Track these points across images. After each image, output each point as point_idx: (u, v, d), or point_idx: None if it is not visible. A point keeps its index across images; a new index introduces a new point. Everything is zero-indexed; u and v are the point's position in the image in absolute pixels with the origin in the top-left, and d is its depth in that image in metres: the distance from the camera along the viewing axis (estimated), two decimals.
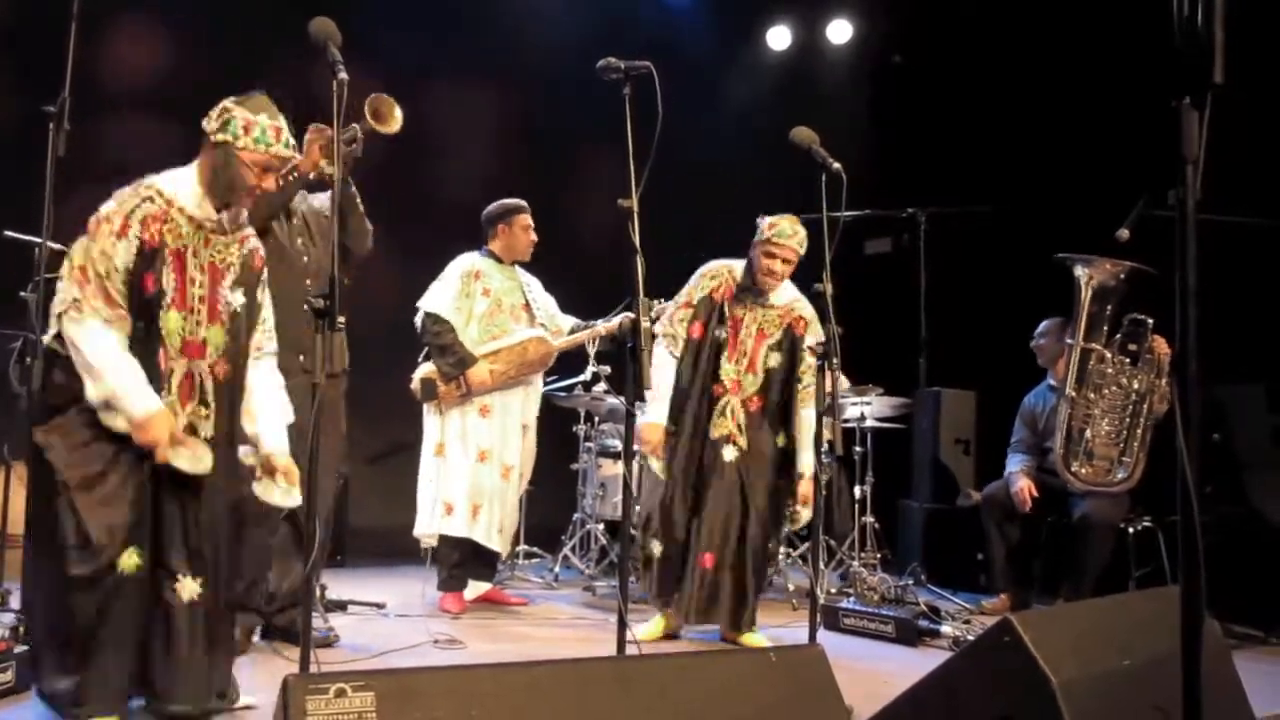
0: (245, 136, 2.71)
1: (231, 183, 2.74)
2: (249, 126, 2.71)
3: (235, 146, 2.71)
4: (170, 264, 2.72)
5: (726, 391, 4.13)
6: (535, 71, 6.78)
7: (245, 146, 2.71)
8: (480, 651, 3.88)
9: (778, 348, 4.15)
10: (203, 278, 2.78)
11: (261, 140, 2.72)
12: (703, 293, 4.17)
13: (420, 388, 4.67)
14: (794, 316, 4.17)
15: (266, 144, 2.72)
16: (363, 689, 1.73)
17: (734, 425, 4.12)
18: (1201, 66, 1.74)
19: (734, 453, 4.10)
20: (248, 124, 2.71)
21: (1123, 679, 2.18)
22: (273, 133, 2.73)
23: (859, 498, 5.59)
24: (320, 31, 2.61)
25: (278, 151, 2.75)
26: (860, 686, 3.15)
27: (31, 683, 3.03)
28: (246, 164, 2.72)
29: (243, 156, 2.71)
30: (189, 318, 2.76)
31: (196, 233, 2.78)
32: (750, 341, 4.14)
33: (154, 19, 5.71)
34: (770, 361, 4.14)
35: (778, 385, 4.16)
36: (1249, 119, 3.87)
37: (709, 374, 4.13)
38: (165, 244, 2.71)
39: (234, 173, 2.73)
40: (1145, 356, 4.63)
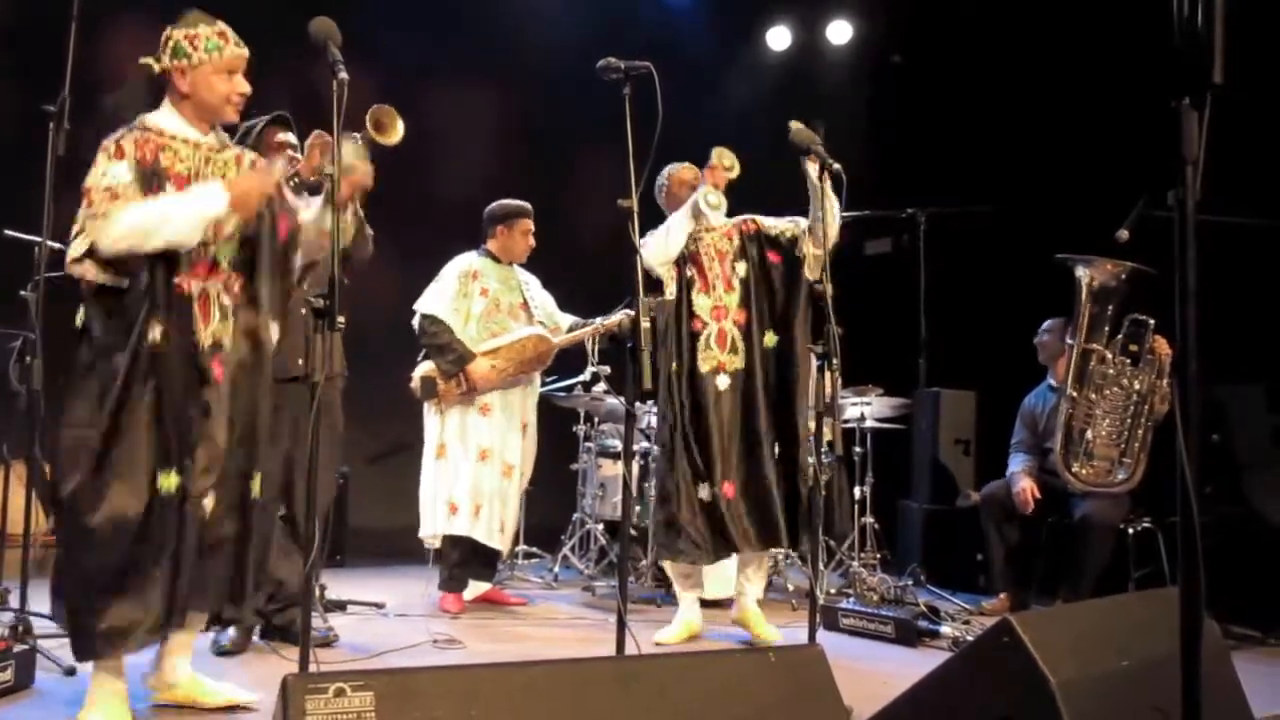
0: (195, 51, 2.75)
1: (205, 99, 2.77)
2: (193, 40, 2.75)
3: (190, 64, 2.74)
4: (174, 185, 2.73)
5: (707, 324, 4.11)
6: (535, 71, 6.79)
7: (199, 62, 2.74)
8: (479, 651, 3.88)
9: (740, 256, 4.15)
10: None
11: (210, 47, 2.75)
12: None
13: (420, 386, 4.67)
14: (741, 222, 4.19)
15: (218, 49, 2.76)
16: (362, 689, 1.73)
17: (721, 353, 4.09)
18: (1201, 67, 1.74)
19: (727, 380, 4.07)
20: (191, 38, 2.76)
21: (1122, 680, 2.18)
22: (218, 37, 2.77)
23: (859, 498, 5.59)
24: (320, 31, 2.61)
25: (231, 52, 2.78)
26: (860, 687, 3.15)
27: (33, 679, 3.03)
28: (210, 78, 2.75)
29: (202, 72, 2.75)
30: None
31: (195, 153, 2.80)
32: (716, 265, 4.14)
33: (154, 18, 5.69)
34: (740, 272, 4.13)
35: (757, 289, 4.13)
36: (1247, 119, 3.87)
37: (687, 314, 4.12)
38: (162, 165, 2.73)
39: (204, 89, 2.76)
40: (1146, 357, 4.63)
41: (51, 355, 3.50)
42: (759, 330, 4.11)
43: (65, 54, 3.50)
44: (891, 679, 3.38)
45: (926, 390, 6.16)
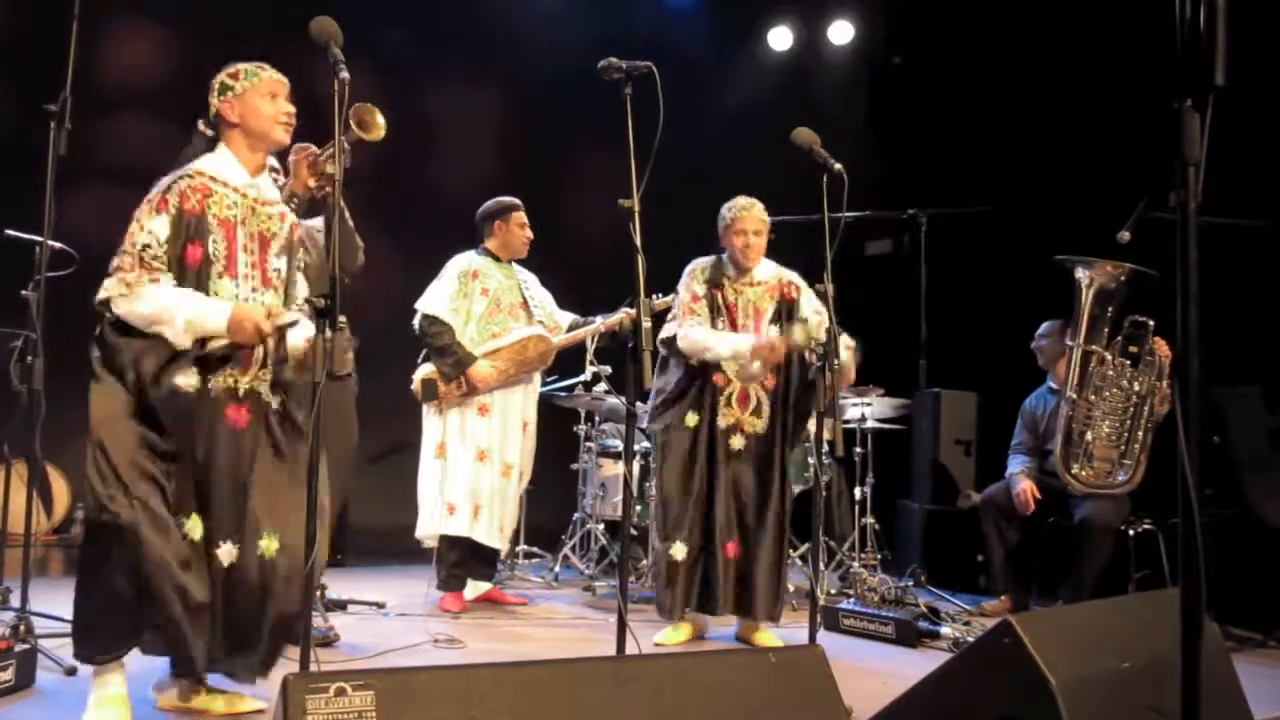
0: (237, 82, 2.86)
1: (255, 124, 2.86)
2: (235, 74, 2.88)
3: (235, 95, 2.85)
4: (219, 233, 2.80)
5: (732, 380, 4.10)
6: (535, 71, 6.79)
7: (243, 90, 2.86)
8: (480, 651, 3.88)
9: (775, 320, 4.15)
10: (253, 245, 2.87)
11: (250, 76, 2.88)
12: (703, 288, 4.17)
13: (421, 388, 4.67)
14: (783, 284, 4.19)
15: (256, 76, 2.88)
16: (362, 688, 1.73)
17: (741, 414, 4.09)
18: (1203, 68, 1.74)
19: (742, 441, 4.07)
20: (233, 73, 2.88)
21: (1122, 681, 2.18)
22: (256, 68, 2.90)
23: (859, 499, 5.60)
24: (322, 31, 2.61)
25: (270, 76, 2.90)
26: (860, 687, 3.15)
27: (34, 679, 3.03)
28: (255, 101, 2.86)
29: (247, 99, 2.85)
30: (242, 284, 2.83)
31: (243, 202, 2.87)
32: (751, 323, 4.13)
33: (154, 18, 5.72)
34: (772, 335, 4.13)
35: (789, 357, 4.11)
36: (1246, 120, 3.87)
37: (713, 364, 4.10)
38: (209, 213, 2.79)
39: (252, 115, 2.86)
40: (1146, 358, 4.63)
41: (52, 355, 3.51)
42: (784, 407, 4.12)
43: (66, 54, 3.50)
44: (892, 680, 3.38)
45: (927, 391, 6.16)
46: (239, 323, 2.69)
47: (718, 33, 7.63)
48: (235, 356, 2.78)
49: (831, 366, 3.27)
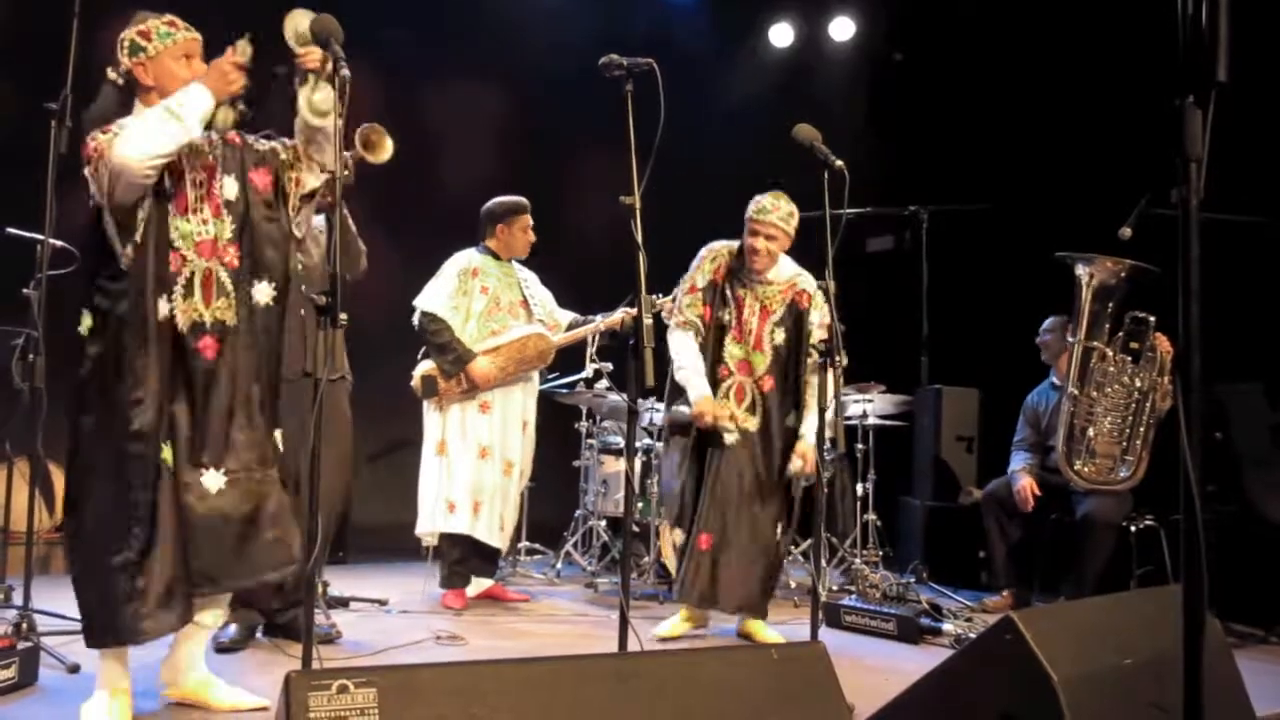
0: (150, 43, 2.79)
1: (170, 89, 2.77)
2: (146, 34, 2.80)
3: (148, 56, 2.79)
4: (168, 176, 2.75)
5: (732, 374, 4.10)
6: (536, 69, 6.78)
7: (156, 52, 2.79)
8: (482, 648, 3.89)
9: (781, 324, 4.11)
10: (200, 175, 2.81)
11: (163, 36, 2.80)
12: (705, 278, 4.15)
13: (421, 385, 4.67)
14: (796, 291, 4.13)
15: (170, 37, 2.81)
16: (365, 685, 1.74)
17: (739, 408, 4.08)
18: (1205, 65, 1.74)
19: (734, 436, 4.06)
20: (144, 32, 2.80)
21: (1124, 677, 2.18)
22: (168, 26, 2.82)
23: (861, 495, 5.60)
24: (322, 29, 2.61)
25: (184, 35, 2.83)
26: (862, 684, 3.15)
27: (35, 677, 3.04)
28: (170, 65, 2.79)
29: (161, 62, 2.79)
30: (194, 216, 2.79)
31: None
32: (755, 320, 4.11)
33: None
34: (776, 339, 4.10)
35: (788, 363, 4.11)
36: (1248, 116, 3.86)
37: (715, 357, 4.10)
38: None
39: (167, 79, 2.78)
40: (1147, 354, 4.63)
41: (54, 353, 3.51)
42: (782, 409, 4.10)
43: (67, 52, 3.50)
44: (893, 676, 3.39)
45: (929, 387, 6.16)
46: (219, 82, 2.70)
47: (718, 29, 7.62)
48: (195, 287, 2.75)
49: (834, 363, 3.27)
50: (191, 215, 2.79)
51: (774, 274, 4.14)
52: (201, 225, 2.79)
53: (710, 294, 4.14)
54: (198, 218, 2.80)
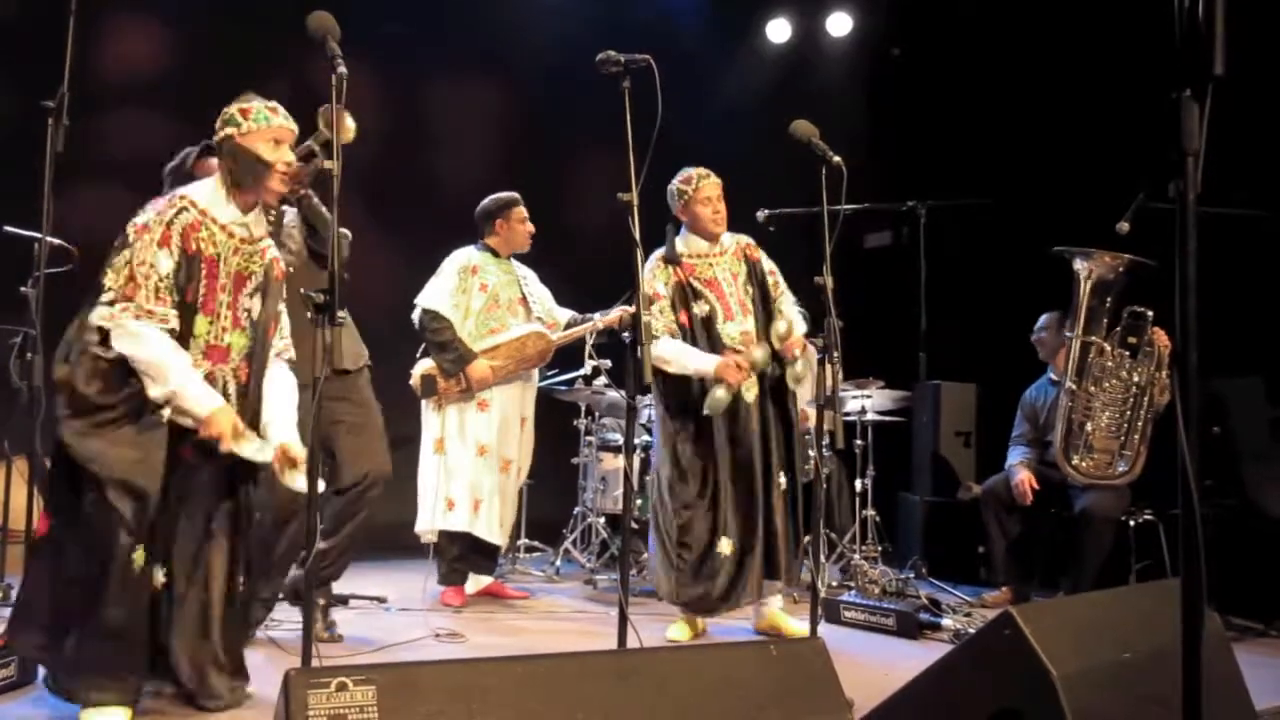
0: (246, 120, 2.86)
1: (252, 167, 2.85)
2: (246, 112, 2.87)
3: (240, 133, 2.85)
4: (203, 270, 2.82)
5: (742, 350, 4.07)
6: (534, 65, 6.77)
7: (249, 130, 2.85)
8: (481, 645, 3.89)
9: (749, 280, 4.15)
10: (230, 284, 2.88)
11: (260, 118, 2.87)
12: (667, 286, 4.11)
13: (420, 384, 4.67)
14: (743, 246, 4.20)
15: (266, 119, 2.88)
16: (364, 683, 1.74)
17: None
18: (1202, 58, 1.73)
19: (754, 393, 4.02)
20: (244, 110, 2.87)
21: (1124, 672, 2.18)
22: (268, 110, 2.90)
23: (859, 491, 5.59)
24: (319, 26, 2.61)
25: (280, 123, 2.90)
26: (861, 679, 3.15)
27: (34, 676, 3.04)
28: (257, 145, 2.86)
29: (250, 139, 2.85)
30: (215, 323, 2.85)
31: (228, 241, 2.88)
32: (733, 288, 4.12)
33: (152, 14, 5.70)
34: (751, 295, 4.14)
35: (760, 312, 4.14)
36: (1246, 110, 3.86)
37: (713, 350, 4.05)
38: (201, 252, 2.82)
39: (251, 156, 2.85)
40: (1145, 349, 4.63)
41: (52, 351, 3.51)
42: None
43: (64, 50, 3.50)
44: (893, 671, 3.39)
45: (927, 383, 6.16)
46: (212, 423, 2.72)
47: (716, 25, 7.61)
48: None
49: (832, 359, 3.27)
50: (213, 319, 2.84)
51: (723, 241, 4.18)
52: (221, 332, 2.86)
53: (679, 295, 4.11)
54: (219, 324, 2.85)
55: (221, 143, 2.87)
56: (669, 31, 7.19)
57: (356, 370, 3.95)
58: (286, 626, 3.82)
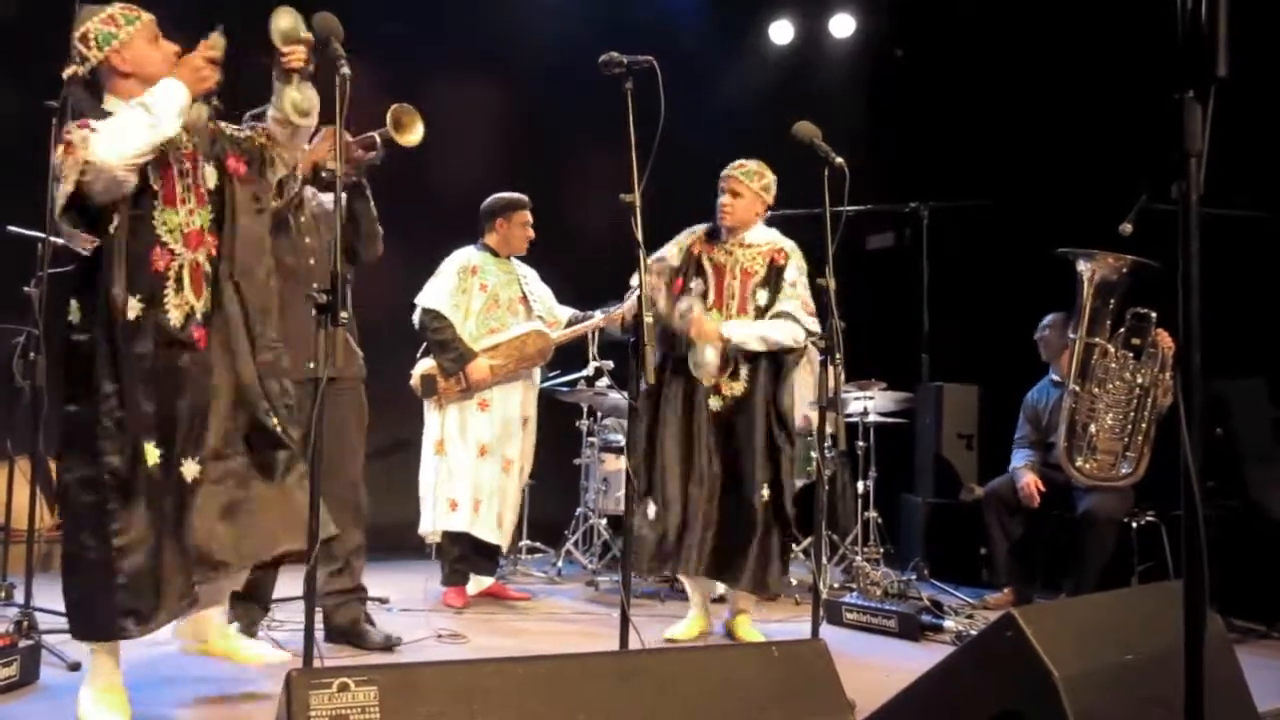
0: (120, 29, 2.76)
1: (149, 72, 2.76)
2: (112, 21, 2.76)
3: (121, 43, 2.75)
4: (154, 169, 2.74)
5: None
6: (536, 65, 6.77)
7: (128, 38, 2.76)
8: (483, 646, 3.89)
9: (764, 284, 4.08)
10: (187, 165, 2.81)
11: (130, 21, 2.77)
12: (680, 252, 4.14)
13: (420, 384, 4.67)
14: (775, 249, 4.13)
15: (136, 20, 2.78)
16: (365, 683, 1.74)
17: (722, 375, 4.02)
18: (1205, 60, 1.73)
19: (719, 401, 4.03)
20: (110, 19, 2.76)
21: (1126, 673, 2.18)
22: (129, 10, 2.79)
23: (862, 493, 5.59)
24: (323, 27, 2.61)
25: (147, 18, 2.81)
26: (863, 681, 3.15)
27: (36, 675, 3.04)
28: (145, 50, 2.78)
29: (135, 47, 2.77)
30: (182, 210, 2.79)
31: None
32: (737, 284, 4.08)
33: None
34: (759, 299, 4.07)
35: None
36: (1249, 111, 3.86)
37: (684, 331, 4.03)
38: None
39: (145, 63, 2.77)
40: (1148, 350, 4.63)
41: (55, 351, 3.51)
42: (769, 362, 4.06)
43: (66, 51, 3.49)
44: (894, 673, 3.39)
45: (929, 384, 6.15)
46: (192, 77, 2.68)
47: (719, 26, 7.60)
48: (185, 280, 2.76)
49: (834, 361, 3.27)
50: (180, 206, 2.78)
51: (754, 236, 4.13)
52: (189, 216, 2.80)
53: (684, 263, 4.12)
54: (185, 208, 2.79)
55: (105, 63, 2.75)
56: (670, 32, 7.19)
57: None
58: (288, 627, 3.82)
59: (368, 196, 3.73)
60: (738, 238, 4.12)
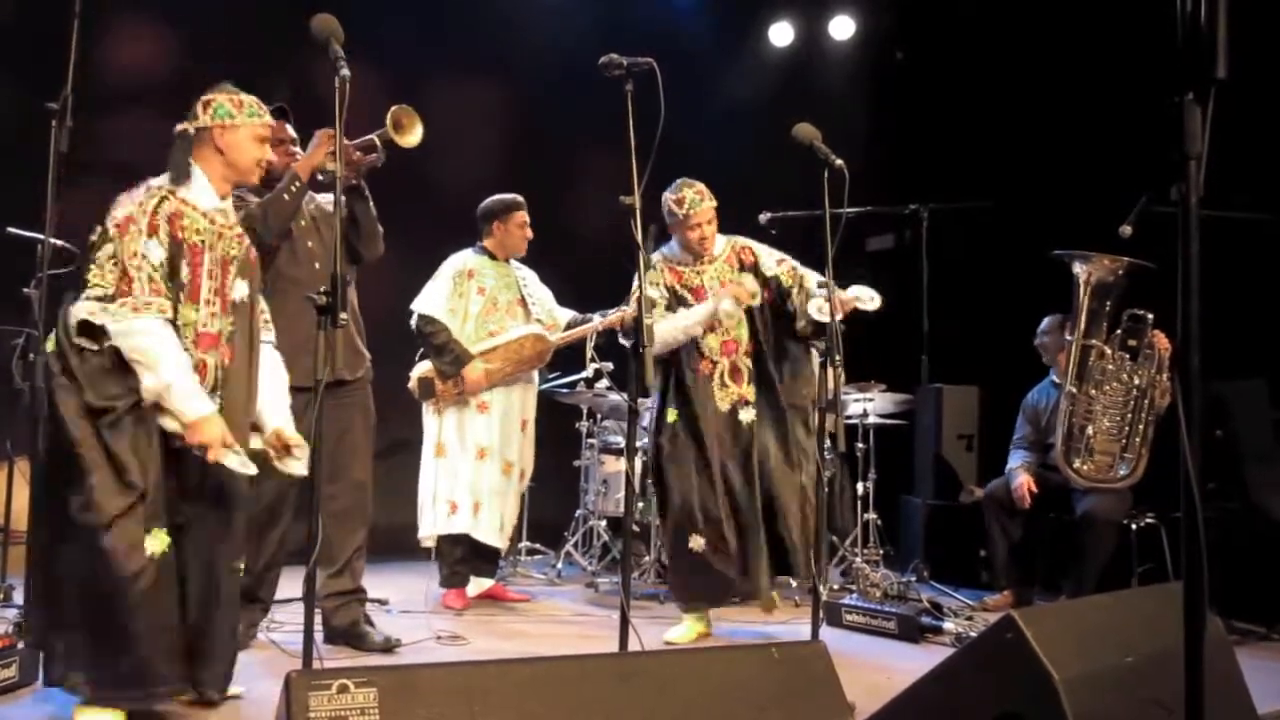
0: (239, 113, 2.87)
1: (239, 161, 2.88)
2: (238, 104, 2.88)
3: (231, 125, 2.86)
4: (188, 259, 2.81)
5: (717, 361, 4.09)
6: (536, 68, 6.77)
7: (240, 123, 2.87)
8: (483, 648, 3.89)
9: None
10: (217, 270, 2.87)
11: (253, 113, 2.90)
12: (658, 281, 4.15)
13: (418, 387, 4.68)
14: (737, 249, 4.19)
15: (258, 115, 2.91)
16: (365, 685, 1.74)
17: (739, 388, 4.09)
18: (1204, 61, 1.73)
19: (750, 413, 4.07)
20: (236, 102, 2.88)
21: (1125, 675, 2.18)
22: (258, 105, 2.92)
23: (861, 494, 5.59)
24: (323, 28, 2.62)
25: (266, 119, 2.94)
26: (862, 683, 3.15)
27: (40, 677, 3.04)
28: (246, 139, 2.88)
29: (240, 133, 2.87)
30: (204, 310, 2.83)
31: (210, 228, 2.88)
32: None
33: (156, 15, 5.70)
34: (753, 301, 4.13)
35: (763, 315, 4.14)
36: (1248, 113, 3.86)
37: (693, 354, 4.09)
38: (186, 239, 2.81)
39: (239, 152, 2.87)
40: (1145, 352, 4.63)
41: None
42: (774, 359, 4.11)
43: (68, 51, 3.50)
44: (894, 675, 3.39)
45: (929, 386, 6.15)
46: (199, 429, 2.68)
47: (719, 28, 7.60)
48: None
49: (834, 362, 3.27)
50: (203, 306, 2.83)
51: (715, 249, 4.19)
52: (210, 318, 2.85)
53: (670, 295, 4.15)
54: (208, 310, 2.84)
55: (205, 128, 2.86)
56: (671, 33, 7.19)
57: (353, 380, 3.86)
58: (288, 628, 3.82)
59: (367, 197, 3.74)
60: (705, 257, 4.17)
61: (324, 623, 3.74)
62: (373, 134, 3.55)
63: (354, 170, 3.58)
